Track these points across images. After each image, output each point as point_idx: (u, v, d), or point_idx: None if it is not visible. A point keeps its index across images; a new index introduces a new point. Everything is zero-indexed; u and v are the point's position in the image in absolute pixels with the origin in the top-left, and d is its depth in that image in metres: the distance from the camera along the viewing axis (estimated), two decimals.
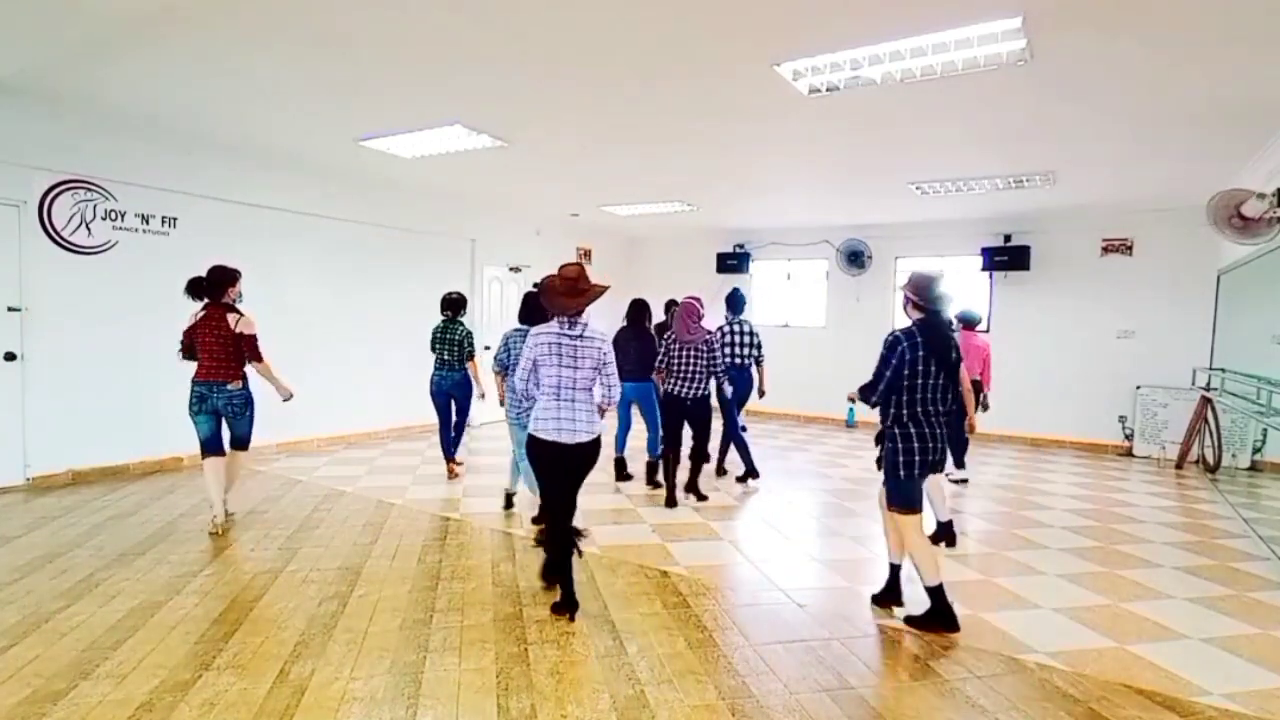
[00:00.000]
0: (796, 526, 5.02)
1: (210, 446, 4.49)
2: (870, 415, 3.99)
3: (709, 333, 5.48)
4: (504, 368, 4.75)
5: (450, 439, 6.12)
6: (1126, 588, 3.95)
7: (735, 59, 3.90)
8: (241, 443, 4.67)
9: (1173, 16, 3.27)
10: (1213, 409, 7.01)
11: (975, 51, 3.65)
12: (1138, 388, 8.11)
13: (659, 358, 5.54)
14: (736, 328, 6.29)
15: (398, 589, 3.65)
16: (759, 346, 6.34)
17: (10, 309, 5.27)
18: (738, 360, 6.24)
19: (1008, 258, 8.62)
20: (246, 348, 4.46)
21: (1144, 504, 5.91)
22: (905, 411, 3.33)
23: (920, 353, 3.27)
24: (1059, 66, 3.87)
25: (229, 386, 4.44)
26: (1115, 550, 4.62)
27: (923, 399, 3.31)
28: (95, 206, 5.67)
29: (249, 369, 4.56)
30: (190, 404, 4.46)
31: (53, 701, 2.54)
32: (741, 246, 10.72)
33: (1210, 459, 7.14)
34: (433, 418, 6.20)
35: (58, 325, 5.49)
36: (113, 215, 5.78)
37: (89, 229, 5.64)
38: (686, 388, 5.39)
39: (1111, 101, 4.43)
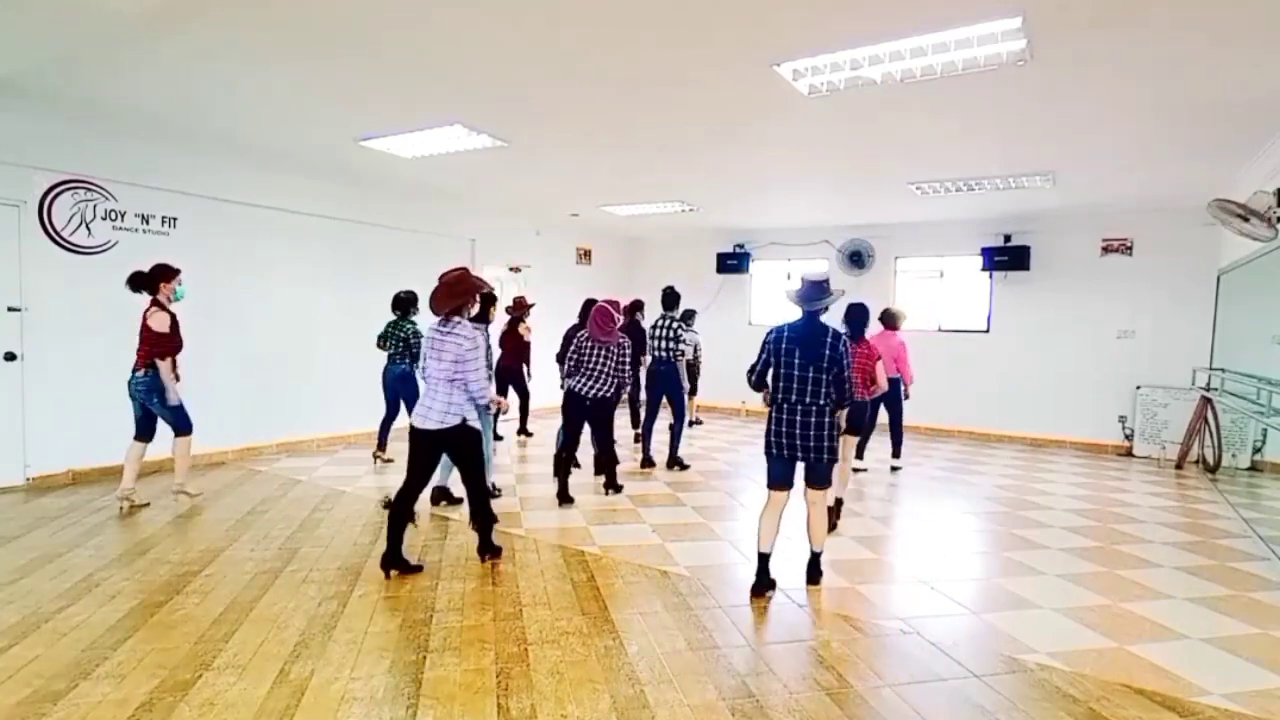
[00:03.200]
0: (796, 527, 5.01)
1: (137, 429, 4.97)
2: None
3: (623, 338, 5.49)
4: None
5: (386, 426, 6.62)
6: (1126, 588, 3.95)
7: (735, 59, 3.89)
8: (175, 429, 5.00)
9: (1173, 17, 3.27)
10: (1213, 409, 7.01)
11: (975, 51, 3.64)
12: (1138, 388, 8.10)
13: (569, 354, 5.53)
14: (662, 323, 6.67)
15: (397, 589, 3.65)
16: (680, 340, 6.65)
17: (10, 309, 5.28)
18: (666, 354, 6.57)
19: (1008, 258, 8.62)
20: (146, 339, 4.80)
21: (1144, 504, 5.91)
22: (772, 398, 3.70)
23: (784, 345, 3.62)
24: (1059, 66, 3.87)
25: (136, 374, 4.85)
26: (1115, 550, 4.62)
27: (785, 388, 3.62)
28: (95, 206, 5.67)
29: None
30: None
31: (53, 701, 2.54)
32: (741, 246, 10.72)
33: (1210, 459, 7.14)
34: None
35: (58, 325, 5.49)
36: (113, 215, 5.78)
37: (89, 229, 5.64)
38: (590, 386, 5.37)
39: (1111, 101, 4.43)
